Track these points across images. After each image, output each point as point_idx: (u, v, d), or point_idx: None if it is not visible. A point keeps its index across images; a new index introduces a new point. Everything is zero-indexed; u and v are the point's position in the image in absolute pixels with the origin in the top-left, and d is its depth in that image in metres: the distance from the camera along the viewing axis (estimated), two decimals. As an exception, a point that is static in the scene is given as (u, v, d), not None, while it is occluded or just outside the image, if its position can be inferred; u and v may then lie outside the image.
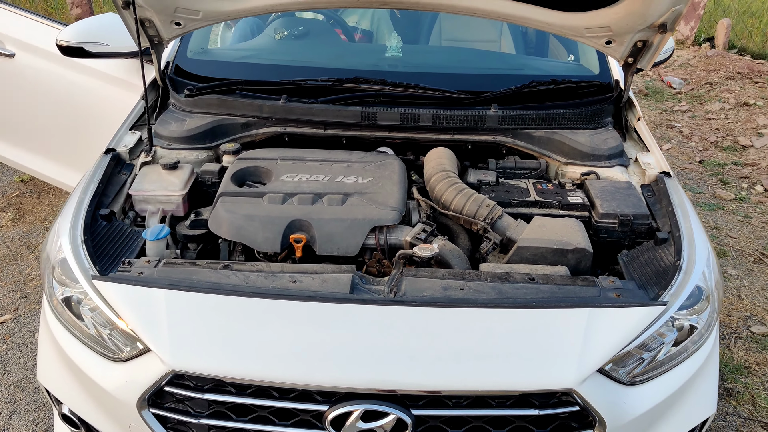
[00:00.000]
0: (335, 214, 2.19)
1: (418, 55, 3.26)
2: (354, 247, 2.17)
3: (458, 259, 2.19)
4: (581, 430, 1.87)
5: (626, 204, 2.36)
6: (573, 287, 1.98)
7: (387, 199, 2.27)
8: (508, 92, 2.74)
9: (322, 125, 2.71)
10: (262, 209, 2.22)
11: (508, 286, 1.97)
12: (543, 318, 1.88)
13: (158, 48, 2.77)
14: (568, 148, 2.65)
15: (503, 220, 2.28)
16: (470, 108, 2.69)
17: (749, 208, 5.01)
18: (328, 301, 1.88)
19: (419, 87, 2.74)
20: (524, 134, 2.70)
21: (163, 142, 2.67)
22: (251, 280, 1.97)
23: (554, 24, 2.57)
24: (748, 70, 7.74)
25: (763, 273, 4.13)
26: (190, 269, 2.02)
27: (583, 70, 3.15)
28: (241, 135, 2.73)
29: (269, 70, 2.97)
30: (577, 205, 2.39)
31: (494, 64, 3.25)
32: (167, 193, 2.42)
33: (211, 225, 2.25)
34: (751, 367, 3.29)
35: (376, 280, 2.02)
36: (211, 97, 2.74)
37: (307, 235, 2.18)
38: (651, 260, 2.18)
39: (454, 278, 2.00)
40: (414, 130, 2.70)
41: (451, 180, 2.38)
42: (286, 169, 2.42)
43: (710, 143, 6.18)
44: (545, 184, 2.51)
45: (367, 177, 2.38)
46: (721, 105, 6.91)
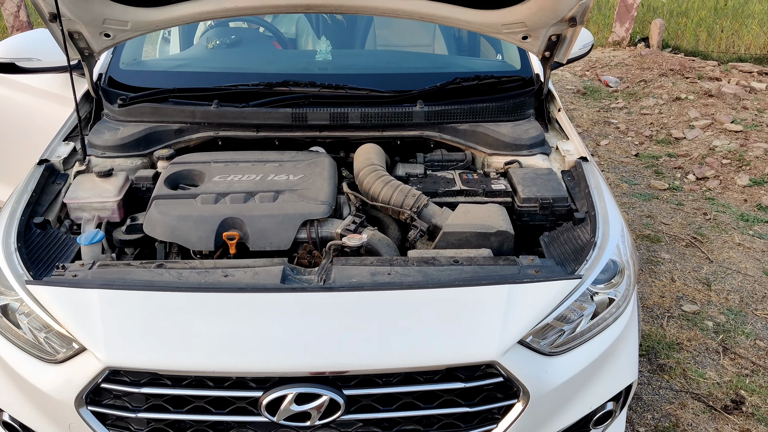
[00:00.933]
0: (267, 211, 2.26)
1: (347, 58, 3.36)
2: (286, 241, 2.24)
3: (387, 247, 2.27)
4: (506, 401, 1.96)
5: (546, 188, 2.48)
6: (494, 267, 2.09)
7: (317, 194, 2.35)
8: (433, 89, 2.84)
9: (254, 128, 2.78)
10: (195, 209, 2.28)
11: (434, 269, 2.06)
12: (465, 296, 1.98)
13: (89, 60, 2.81)
14: (491, 139, 2.76)
15: (429, 209, 2.38)
16: (397, 105, 2.79)
17: (682, 196, 5.22)
18: (259, 292, 1.94)
19: (348, 87, 2.83)
20: (450, 128, 2.81)
21: (97, 151, 2.71)
22: (184, 276, 2.02)
23: (473, 22, 2.69)
24: (680, 66, 8.05)
25: (695, 256, 4.32)
26: (124, 269, 2.06)
27: (506, 66, 3.29)
28: (174, 141, 2.78)
29: (201, 78, 3.03)
30: (501, 192, 2.51)
31: (421, 63, 3.36)
32: (102, 199, 2.45)
33: (146, 227, 2.30)
34: (683, 343, 3.44)
35: (307, 271, 2.09)
36: (144, 106, 2.79)
37: (239, 232, 2.24)
38: (569, 239, 2.30)
39: (382, 265, 2.09)
40: (344, 129, 2.79)
41: (379, 173, 2.47)
42: (218, 171, 2.48)
43: (645, 137, 6.41)
44: (470, 174, 2.62)
45: (298, 174, 2.45)
46: (655, 101, 7.16)
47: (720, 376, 3.22)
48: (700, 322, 3.62)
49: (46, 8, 2.46)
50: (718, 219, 4.81)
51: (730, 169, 5.58)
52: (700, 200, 5.14)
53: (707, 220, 4.79)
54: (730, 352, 3.39)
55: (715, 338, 3.49)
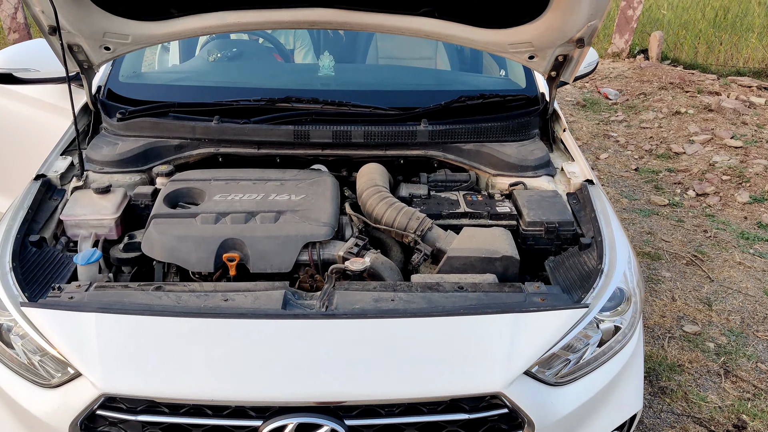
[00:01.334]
0: (268, 232, 2.23)
1: (350, 74, 3.33)
2: (287, 263, 2.20)
3: (390, 271, 2.24)
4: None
5: (552, 212, 2.45)
6: (500, 294, 2.05)
7: (319, 215, 2.31)
8: (437, 107, 2.81)
9: (255, 145, 2.74)
10: (195, 229, 2.24)
11: (438, 295, 2.03)
12: (470, 324, 1.94)
13: (88, 73, 2.76)
14: (496, 160, 2.73)
15: (433, 232, 2.34)
16: (401, 124, 2.76)
17: (682, 212, 5.19)
18: (259, 318, 1.90)
19: (351, 104, 2.80)
20: (454, 148, 2.78)
21: (95, 166, 2.66)
22: (183, 300, 1.98)
23: (478, 41, 2.66)
24: (680, 80, 8.04)
25: (695, 274, 4.29)
26: (122, 292, 2.02)
27: (511, 84, 3.26)
28: (174, 157, 2.74)
29: (202, 92, 2.99)
30: (505, 215, 2.47)
31: (425, 80, 3.33)
32: (99, 217, 2.41)
33: (144, 247, 2.26)
34: (684, 365, 3.41)
35: (309, 295, 2.06)
36: (144, 120, 2.75)
37: (240, 253, 2.20)
38: (575, 265, 2.26)
39: (385, 290, 2.05)
40: (346, 147, 2.75)
41: (382, 194, 2.43)
42: (219, 189, 2.44)
43: (645, 151, 6.39)
44: (475, 196, 2.59)
45: (299, 194, 2.42)
46: (654, 114, 7.15)
47: (722, 400, 3.19)
48: (701, 343, 3.59)
49: (46, 21, 2.42)
50: (718, 237, 4.78)
51: (730, 186, 5.56)
52: (700, 217, 5.12)
53: (708, 238, 4.77)
54: (732, 375, 3.35)
55: (716, 360, 3.46)
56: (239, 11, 2.54)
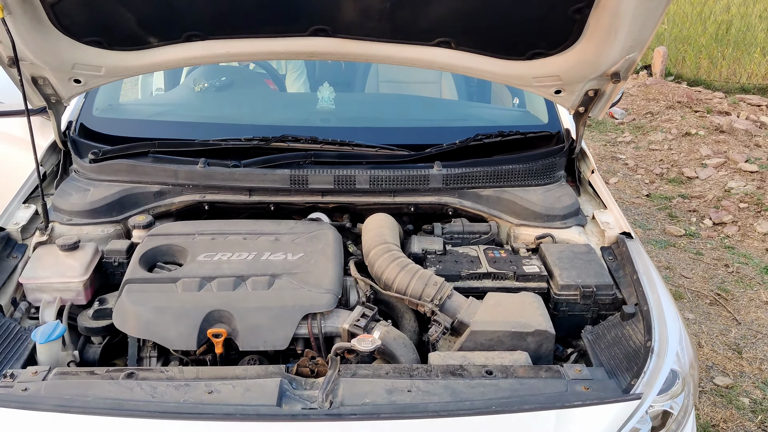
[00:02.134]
0: (260, 302, 1.90)
1: (352, 106, 3.00)
2: (283, 340, 1.88)
3: (404, 348, 1.91)
4: None
5: (587, 272, 2.14)
6: (537, 381, 1.73)
7: (321, 280, 1.98)
8: (452, 147, 2.50)
9: (246, 191, 2.42)
10: (175, 299, 1.91)
11: (463, 383, 1.70)
12: (505, 425, 1.62)
13: (57, 107, 2.45)
14: (519, 208, 2.42)
15: (453, 300, 2.02)
16: (411, 166, 2.44)
17: (700, 243, 4.90)
18: (251, 419, 1.58)
19: (354, 144, 2.49)
20: (471, 194, 2.46)
21: (62, 216, 2.33)
22: (159, 392, 1.65)
23: (499, 74, 2.35)
24: (687, 98, 7.78)
25: (720, 315, 3.99)
26: (87, 381, 1.70)
27: (531, 119, 2.94)
28: (153, 205, 2.41)
29: (186, 128, 2.67)
30: (534, 276, 2.15)
31: (436, 114, 3.01)
32: (65, 279, 2.09)
33: (116, 320, 1.93)
34: (719, 425, 3.10)
35: (309, 383, 1.73)
36: (119, 163, 2.42)
37: (227, 328, 1.88)
38: (618, 339, 1.94)
39: (400, 376, 1.73)
40: (350, 194, 2.43)
41: (393, 254, 2.11)
42: (204, 247, 2.11)
43: (656, 175, 6.10)
44: (497, 251, 2.27)
45: (297, 253, 2.09)
46: (663, 135, 6.88)
47: (764, 468, 2.88)
48: (734, 398, 3.28)
49: (4, 51, 2.10)
50: (741, 272, 4.48)
51: (748, 214, 5.27)
52: (719, 249, 4.82)
53: (729, 273, 4.47)
54: (772, 437, 3.04)
55: (753, 419, 3.15)
56: (228, 40, 2.22)
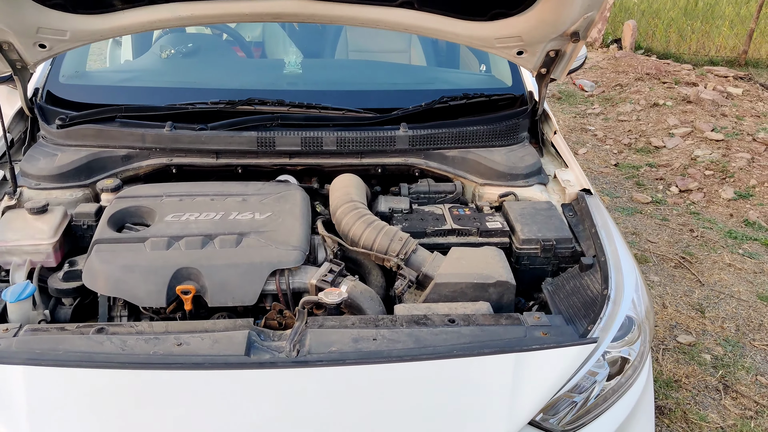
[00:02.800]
0: (228, 259, 1.94)
1: (319, 71, 3.02)
2: (251, 295, 1.92)
3: (370, 301, 1.96)
4: (513, 492, 1.67)
5: (548, 227, 2.20)
6: (497, 328, 1.79)
7: (288, 238, 2.02)
8: (417, 109, 2.53)
9: (213, 154, 2.44)
10: (144, 257, 1.93)
11: (426, 331, 1.76)
12: (466, 368, 1.68)
13: (22, 73, 2.44)
14: (483, 167, 2.47)
15: (418, 254, 2.07)
16: (378, 128, 2.48)
17: (666, 210, 5.00)
18: (219, 368, 1.62)
19: (321, 107, 2.51)
20: (437, 155, 2.51)
21: (30, 181, 2.34)
22: (129, 345, 1.68)
23: (462, 35, 2.39)
24: (656, 70, 7.88)
25: (685, 278, 4.09)
26: (57, 336, 1.72)
27: (496, 82, 2.98)
28: (121, 169, 2.42)
29: (153, 94, 2.67)
30: (497, 231, 2.21)
31: (402, 78, 3.04)
32: (34, 242, 2.10)
33: (85, 279, 1.95)
34: (681, 380, 3.20)
35: (277, 335, 1.77)
36: (87, 128, 2.43)
37: (196, 284, 1.91)
38: (577, 289, 2.01)
39: (366, 326, 1.78)
40: (317, 155, 2.46)
41: (359, 211, 2.15)
42: (171, 208, 2.14)
43: (624, 145, 6.20)
44: (462, 209, 2.32)
45: (264, 212, 2.12)
46: (632, 106, 6.97)
47: (723, 419, 2.99)
48: (697, 355, 3.38)
49: (-35, 15, 2.09)
50: (705, 236, 4.60)
51: (713, 181, 5.39)
52: (685, 215, 4.94)
53: (694, 238, 4.58)
54: (732, 390, 3.15)
55: (714, 374, 3.26)
56: (193, 2, 2.23)
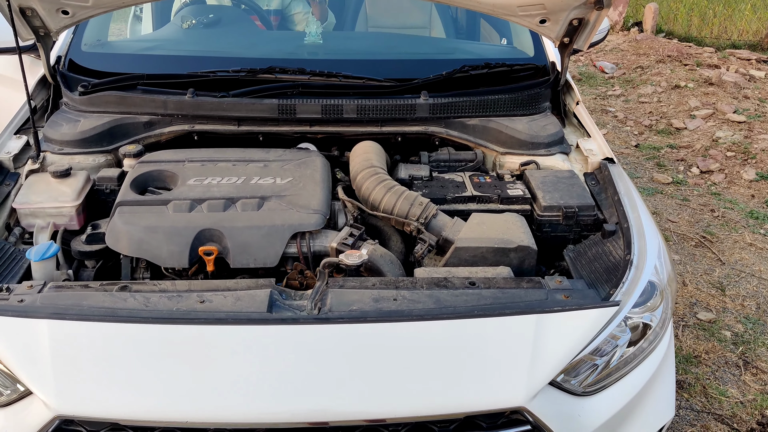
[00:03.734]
0: (250, 221, 1.95)
1: (340, 41, 3.02)
2: (273, 257, 1.93)
3: (390, 264, 1.97)
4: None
5: (570, 195, 2.19)
6: (518, 290, 1.79)
7: (309, 202, 2.03)
8: (438, 78, 2.52)
9: (234, 121, 2.45)
10: (166, 219, 1.95)
11: (447, 293, 1.76)
12: (486, 328, 1.68)
13: (45, 41, 2.46)
14: (505, 136, 2.45)
15: (438, 219, 2.07)
16: (398, 96, 2.47)
17: (687, 190, 4.96)
18: (241, 323, 1.63)
19: (342, 75, 2.51)
20: (458, 123, 2.50)
21: (53, 146, 2.36)
22: (152, 302, 1.70)
23: (485, 3, 2.37)
24: (677, 53, 7.78)
25: (705, 257, 4.06)
26: (81, 293, 1.74)
27: (518, 53, 2.96)
28: (143, 135, 2.44)
29: (175, 62, 2.68)
30: (518, 198, 2.20)
31: (423, 48, 3.03)
32: (58, 204, 2.12)
33: (108, 240, 1.97)
34: (701, 356, 3.18)
35: (298, 294, 1.79)
36: (109, 94, 2.45)
37: (218, 246, 1.92)
38: (599, 255, 2.00)
39: (387, 287, 1.79)
40: (337, 123, 2.46)
41: (380, 177, 2.15)
42: (194, 172, 2.15)
43: (645, 127, 6.14)
44: (482, 177, 2.31)
45: (286, 177, 2.13)
46: (653, 88, 6.90)
47: (743, 394, 2.97)
48: (717, 331, 3.36)
49: (-10, -21, 2.11)
50: (726, 216, 4.55)
51: (735, 162, 5.33)
52: (706, 195, 4.89)
53: (715, 218, 4.54)
54: (752, 366, 3.13)
55: (734, 350, 3.24)
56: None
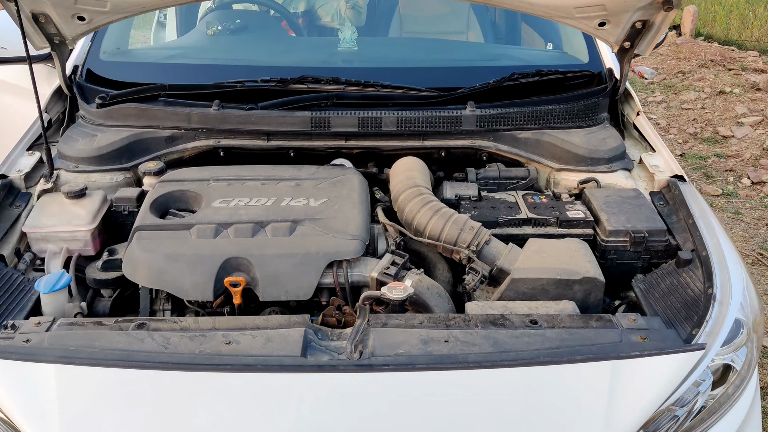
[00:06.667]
0: (281, 249, 1.75)
1: (377, 48, 2.81)
2: (306, 289, 1.72)
3: (438, 298, 1.75)
4: None
5: (637, 217, 1.95)
6: (587, 331, 1.56)
7: (346, 225, 1.82)
8: (485, 87, 2.31)
9: (264, 135, 2.25)
10: (189, 246, 1.76)
11: (505, 333, 1.54)
12: (555, 377, 1.46)
13: (61, 49, 2.29)
14: (560, 151, 2.23)
15: (491, 246, 1.84)
16: (442, 108, 2.26)
17: (739, 203, 4.67)
18: (272, 371, 1.43)
19: (380, 85, 2.31)
20: (508, 137, 2.28)
21: (68, 164, 2.19)
22: (173, 343, 1.51)
23: (538, 4, 2.15)
24: (720, 57, 7.46)
25: (764, 276, 3.78)
26: (93, 332, 1.56)
27: (569, 59, 2.73)
28: (165, 151, 2.26)
29: (199, 72, 2.51)
30: (579, 221, 1.97)
31: (466, 54, 2.80)
32: (71, 228, 1.95)
33: (125, 269, 1.78)
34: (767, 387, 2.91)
35: (336, 333, 1.58)
36: (129, 107, 2.27)
37: (246, 276, 1.73)
38: (675, 288, 1.76)
39: (436, 325, 1.57)
40: (376, 137, 2.26)
41: (425, 197, 1.93)
42: (219, 192, 1.95)
43: (689, 135, 5.85)
44: (537, 197, 2.09)
45: (320, 198, 1.93)
46: (696, 94, 6.60)
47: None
48: (785, 360, 3.09)
49: (0, -17, 1.94)
50: (784, 231, 4.26)
51: (789, 173, 5.02)
52: (759, 208, 4.59)
53: (772, 233, 4.25)
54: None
55: (805, 381, 2.96)
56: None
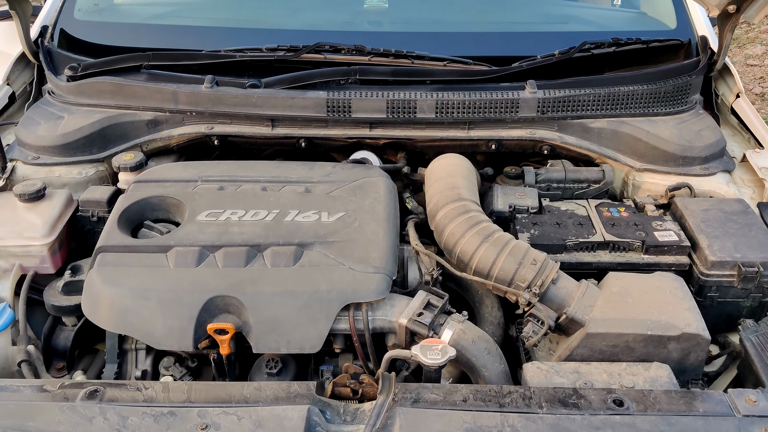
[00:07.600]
0: (282, 284, 1.35)
1: (410, 6, 2.30)
2: (314, 340, 1.33)
3: (488, 356, 1.33)
4: None
5: (747, 243, 1.51)
6: (692, 421, 1.16)
7: (368, 253, 1.40)
8: (549, 60, 1.84)
9: (268, 120, 1.84)
10: (164, 277, 1.37)
11: (580, 420, 1.13)
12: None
13: (23, 6, 1.87)
14: (644, 145, 1.77)
15: (559, 285, 1.40)
16: (494, 87, 1.83)
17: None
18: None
19: (414, 56, 1.87)
20: (576, 126, 1.82)
21: (27, 153, 1.80)
22: (131, 427, 1.12)
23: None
24: (791, 4, 6.77)
25: None
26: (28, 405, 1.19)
27: (652, 23, 2.21)
28: (146, 139, 1.88)
29: (191, 35, 2.10)
30: (672, 247, 1.52)
31: (524, 16, 2.28)
32: (24, 241, 1.61)
33: (84, 306, 1.42)
34: None
35: (350, 411, 1.19)
36: (104, 80, 1.87)
37: (237, 320, 1.34)
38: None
39: (485, 406, 1.18)
40: (408, 126, 1.84)
41: (472, 217, 1.49)
42: (208, 200, 1.54)
43: (756, 96, 5.29)
44: (615, 209, 1.63)
45: (335, 211, 1.51)
46: (764, 48, 6.00)
47: None
48: None
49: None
50: None
51: None
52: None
53: None
54: None
55: None
56: None
